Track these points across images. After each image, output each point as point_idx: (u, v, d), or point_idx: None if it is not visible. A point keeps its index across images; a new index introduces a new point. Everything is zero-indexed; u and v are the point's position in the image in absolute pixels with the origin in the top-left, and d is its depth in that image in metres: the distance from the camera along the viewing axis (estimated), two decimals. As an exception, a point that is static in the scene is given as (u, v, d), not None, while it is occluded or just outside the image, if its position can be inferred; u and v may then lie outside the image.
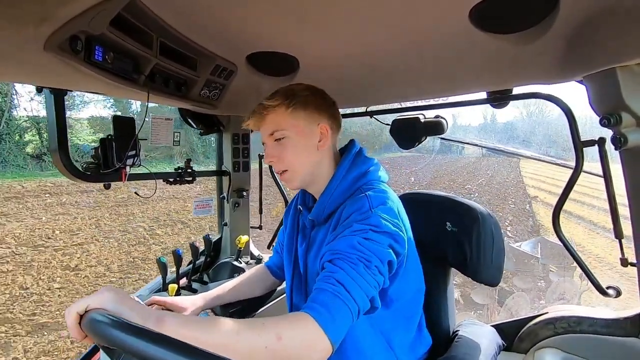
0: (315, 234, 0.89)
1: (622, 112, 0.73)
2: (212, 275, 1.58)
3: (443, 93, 1.25)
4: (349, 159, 0.87)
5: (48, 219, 7.43)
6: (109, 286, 0.58)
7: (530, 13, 0.72)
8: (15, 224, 6.96)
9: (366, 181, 0.83)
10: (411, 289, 0.86)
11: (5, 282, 4.50)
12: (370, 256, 0.67)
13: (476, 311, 3.98)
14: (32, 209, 8.19)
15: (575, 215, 8.99)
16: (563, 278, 4.14)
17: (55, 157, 1.00)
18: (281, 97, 0.83)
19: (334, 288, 0.63)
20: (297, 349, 0.57)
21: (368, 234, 0.70)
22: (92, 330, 0.46)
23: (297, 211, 0.99)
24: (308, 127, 0.84)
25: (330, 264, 0.68)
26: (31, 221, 7.24)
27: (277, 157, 0.84)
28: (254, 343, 0.55)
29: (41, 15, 0.53)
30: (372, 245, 0.69)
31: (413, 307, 0.88)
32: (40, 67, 0.72)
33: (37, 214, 7.76)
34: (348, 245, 0.69)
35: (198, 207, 1.56)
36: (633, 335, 0.96)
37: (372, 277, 0.66)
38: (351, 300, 0.63)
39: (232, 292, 1.04)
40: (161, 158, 13.60)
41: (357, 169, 0.85)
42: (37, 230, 6.65)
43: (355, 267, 0.65)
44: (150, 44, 0.81)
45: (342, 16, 0.75)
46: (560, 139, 18.55)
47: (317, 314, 0.60)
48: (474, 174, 18.06)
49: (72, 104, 14.63)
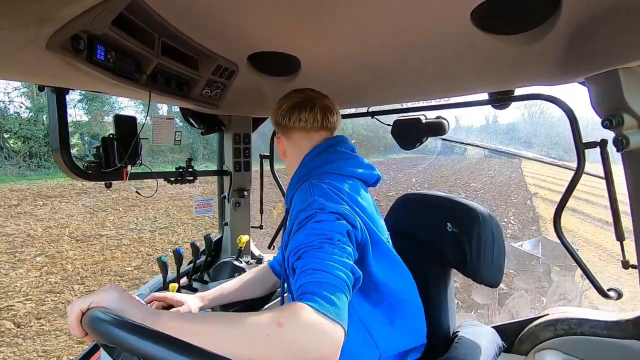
0: (290, 223, 0.91)
1: (624, 113, 0.73)
2: (213, 275, 1.58)
3: (445, 94, 1.25)
4: (316, 150, 0.91)
5: (125, 209, 8.44)
6: (113, 285, 0.58)
7: (533, 14, 0.72)
8: (102, 214, 7.98)
9: (317, 173, 0.86)
10: (395, 281, 0.86)
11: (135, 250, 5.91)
12: (329, 233, 0.68)
13: (476, 311, 3.98)
14: (105, 201, 9.14)
15: (581, 213, 9.29)
16: (564, 278, 4.12)
17: (57, 156, 1.01)
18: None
19: (314, 277, 0.62)
20: (305, 337, 0.54)
21: (317, 217, 0.71)
22: (91, 328, 0.47)
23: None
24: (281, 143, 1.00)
25: (299, 261, 0.67)
26: (111, 211, 8.25)
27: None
28: (254, 331, 0.53)
29: (43, 15, 0.53)
30: (325, 225, 0.70)
31: (398, 301, 0.87)
32: (42, 66, 0.72)
33: (112, 206, 8.67)
34: (303, 236, 0.70)
35: (199, 207, 1.57)
36: (634, 338, 0.96)
37: (340, 251, 0.67)
38: (335, 278, 0.62)
39: (230, 294, 1.04)
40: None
41: (319, 159, 0.89)
42: (124, 218, 7.90)
43: (322, 250, 0.65)
44: (152, 44, 0.81)
45: (343, 16, 0.74)
46: (562, 140, 18.60)
47: (314, 304, 0.57)
48: (477, 174, 18.49)
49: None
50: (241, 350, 0.52)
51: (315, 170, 0.87)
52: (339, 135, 0.96)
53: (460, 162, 22.16)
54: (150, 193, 1.25)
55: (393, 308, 0.87)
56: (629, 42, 0.65)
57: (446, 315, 1.04)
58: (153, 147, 10.64)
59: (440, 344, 0.98)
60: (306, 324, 0.54)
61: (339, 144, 0.93)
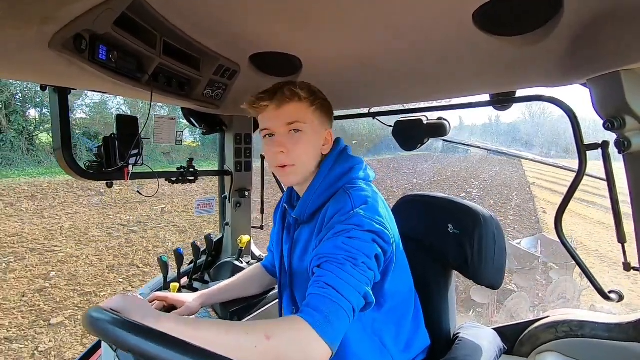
0: (299, 233, 0.89)
1: (626, 115, 0.73)
2: (213, 275, 1.58)
3: (446, 95, 1.25)
4: (333, 156, 0.87)
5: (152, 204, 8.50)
6: (122, 294, 0.60)
7: (534, 15, 0.72)
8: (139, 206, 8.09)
9: (349, 180, 0.83)
10: (403, 288, 0.86)
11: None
12: (356, 254, 0.67)
13: (475, 310, 3.98)
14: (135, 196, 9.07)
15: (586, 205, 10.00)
16: (564, 277, 4.12)
17: (59, 155, 1.01)
18: (307, 91, 0.81)
19: (324, 291, 0.63)
20: (290, 350, 0.57)
21: (351, 233, 0.69)
22: (90, 327, 0.48)
23: (284, 210, 1.00)
24: (319, 128, 0.85)
25: (318, 269, 0.68)
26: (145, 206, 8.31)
27: (288, 149, 0.81)
28: (243, 341, 0.55)
29: (46, 14, 0.53)
30: (356, 243, 0.68)
31: (405, 306, 0.88)
32: (44, 65, 0.72)
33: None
34: (333, 246, 0.69)
35: (200, 207, 1.57)
36: (635, 340, 0.96)
37: (361, 274, 0.66)
38: (343, 299, 0.62)
39: (230, 291, 1.06)
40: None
41: (340, 166, 0.85)
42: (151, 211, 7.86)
43: (343, 267, 0.65)
44: (154, 44, 0.81)
45: (345, 17, 0.74)
46: (560, 139, 18.99)
47: (309, 317, 0.59)
48: (482, 170, 20.11)
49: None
50: (232, 356, 0.54)
51: (345, 177, 0.83)
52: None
53: (465, 160, 22.93)
54: (152, 192, 1.25)
55: (403, 315, 0.87)
56: (631, 44, 0.65)
57: (447, 317, 1.04)
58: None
59: (441, 345, 0.98)
60: (293, 339, 0.57)
61: (346, 147, 0.91)
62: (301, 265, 0.85)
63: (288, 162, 0.82)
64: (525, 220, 8.38)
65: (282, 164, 0.83)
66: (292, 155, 0.81)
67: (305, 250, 0.85)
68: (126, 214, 7.22)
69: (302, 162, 0.83)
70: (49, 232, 5.86)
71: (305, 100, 0.81)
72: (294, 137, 0.81)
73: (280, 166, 0.83)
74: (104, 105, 11.89)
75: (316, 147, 0.84)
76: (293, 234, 0.91)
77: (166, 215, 7.32)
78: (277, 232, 1.01)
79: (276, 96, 0.81)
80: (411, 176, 15.07)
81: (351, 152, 0.91)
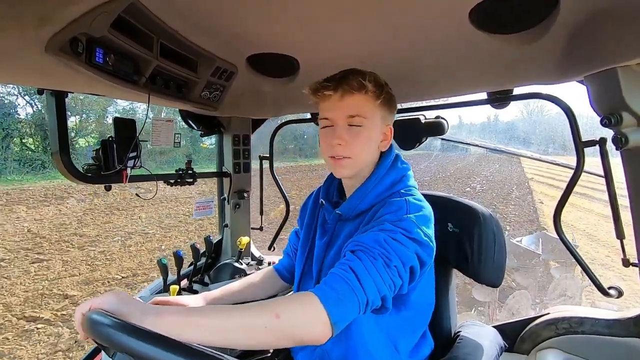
0: (340, 228, 0.86)
1: (623, 112, 0.73)
2: (213, 277, 1.58)
3: (443, 93, 1.25)
4: (389, 160, 0.84)
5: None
6: (114, 290, 0.59)
7: (531, 13, 0.72)
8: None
9: (404, 186, 0.81)
10: (425, 300, 0.86)
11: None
12: (392, 255, 0.66)
13: (476, 308, 3.98)
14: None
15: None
16: (565, 275, 4.12)
17: (57, 159, 1.00)
18: (374, 84, 0.77)
19: (345, 274, 0.62)
20: (297, 326, 0.57)
21: (397, 235, 0.68)
22: (88, 330, 0.47)
23: (316, 205, 0.97)
24: (381, 123, 0.81)
25: (350, 254, 0.67)
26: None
27: (346, 142, 0.78)
28: (252, 322, 0.55)
29: (42, 18, 0.53)
30: (397, 246, 0.67)
31: (423, 316, 0.88)
32: (41, 69, 0.72)
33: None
34: (373, 239, 0.67)
35: (199, 209, 1.56)
36: (635, 336, 0.96)
37: (389, 276, 0.65)
38: (360, 290, 0.61)
39: (234, 295, 1.00)
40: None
41: (395, 173, 0.83)
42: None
43: (374, 262, 0.64)
44: (150, 46, 0.81)
45: (342, 17, 0.75)
46: (557, 136, 19.41)
47: (321, 293, 0.59)
48: (484, 167, 21.43)
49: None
50: (241, 341, 0.55)
51: (400, 183, 0.82)
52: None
53: (465, 157, 23.57)
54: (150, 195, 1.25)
55: (419, 325, 0.87)
56: (627, 40, 0.65)
57: (448, 316, 1.04)
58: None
59: (442, 344, 0.98)
60: (299, 313, 0.58)
61: (398, 154, 0.89)
62: (335, 262, 0.83)
63: (345, 154, 0.79)
64: (525, 209, 9.28)
65: (338, 155, 0.79)
66: (350, 148, 0.78)
67: (343, 247, 0.82)
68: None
69: (359, 157, 0.80)
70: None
71: (371, 94, 0.77)
72: (354, 131, 0.78)
73: (336, 157, 0.80)
74: (133, 111, 13.21)
75: (375, 142, 0.81)
76: (333, 230, 0.88)
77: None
78: (307, 227, 0.97)
79: (341, 86, 0.76)
80: (417, 174, 15.76)
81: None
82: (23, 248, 5.44)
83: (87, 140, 13.14)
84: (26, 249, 5.43)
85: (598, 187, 10.14)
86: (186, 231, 6.66)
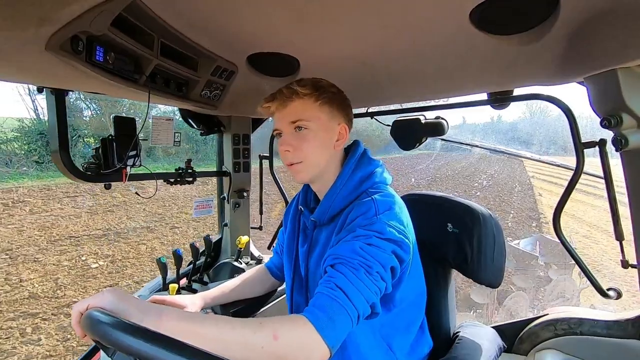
0: (318, 234, 0.88)
1: (623, 113, 0.73)
2: (212, 276, 1.58)
3: (443, 94, 1.25)
4: (355, 159, 0.85)
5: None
6: (111, 287, 0.58)
7: (531, 14, 0.72)
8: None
9: (372, 184, 0.82)
10: (413, 293, 0.86)
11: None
12: (372, 262, 0.66)
13: (475, 311, 3.98)
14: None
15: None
16: (563, 277, 4.13)
17: (56, 157, 1.00)
18: (311, 87, 0.80)
19: (333, 293, 0.63)
20: (293, 351, 0.57)
21: (371, 240, 0.69)
22: (86, 328, 0.47)
23: (297, 211, 0.98)
24: (328, 123, 0.82)
25: (331, 269, 0.68)
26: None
27: (294, 147, 0.80)
28: (250, 340, 0.55)
29: (42, 16, 0.53)
30: (374, 250, 0.68)
31: (414, 311, 0.88)
32: (41, 67, 0.72)
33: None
34: (350, 250, 0.68)
35: (198, 208, 1.56)
36: (634, 337, 0.96)
37: (372, 283, 0.66)
38: (350, 305, 0.62)
39: (231, 292, 1.03)
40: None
41: (362, 169, 0.84)
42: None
43: (356, 273, 0.65)
44: (151, 45, 0.81)
45: (342, 17, 0.74)
46: (559, 137, 19.65)
47: (314, 318, 0.60)
48: (488, 166, 22.05)
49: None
50: (236, 355, 0.53)
51: (368, 181, 0.82)
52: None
53: (468, 157, 24.12)
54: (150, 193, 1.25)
55: (412, 320, 0.87)
56: (627, 42, 0.65)
57: (447, 316, 1.04)
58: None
59: (441, 344, 0.98)
60: (299, 342, 0.58)
61: (366, 150, 0.89)
62: (318, 268, 0.84)
63: (295, 160, 0.81)
64: (526, 202, 10.73)
65: (292, 161, 0.82)
66: (298, 153, 0.80)
67: (323, 253, 0.84)
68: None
69: (310, 159, 0.81)
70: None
71: (307, 97, 0.80)
72: (300, 135, 0.80)
73: (290, 164, 0.82)
74: (159, 112, 13.33)
75: (327, 143, 0.82)
76: (311, 237, 0.89)
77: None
78: (290, 234, 0.98)
79: (277, 97, 0.81)
80: (423, 173, 16.71)
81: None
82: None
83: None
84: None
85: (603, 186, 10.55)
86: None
